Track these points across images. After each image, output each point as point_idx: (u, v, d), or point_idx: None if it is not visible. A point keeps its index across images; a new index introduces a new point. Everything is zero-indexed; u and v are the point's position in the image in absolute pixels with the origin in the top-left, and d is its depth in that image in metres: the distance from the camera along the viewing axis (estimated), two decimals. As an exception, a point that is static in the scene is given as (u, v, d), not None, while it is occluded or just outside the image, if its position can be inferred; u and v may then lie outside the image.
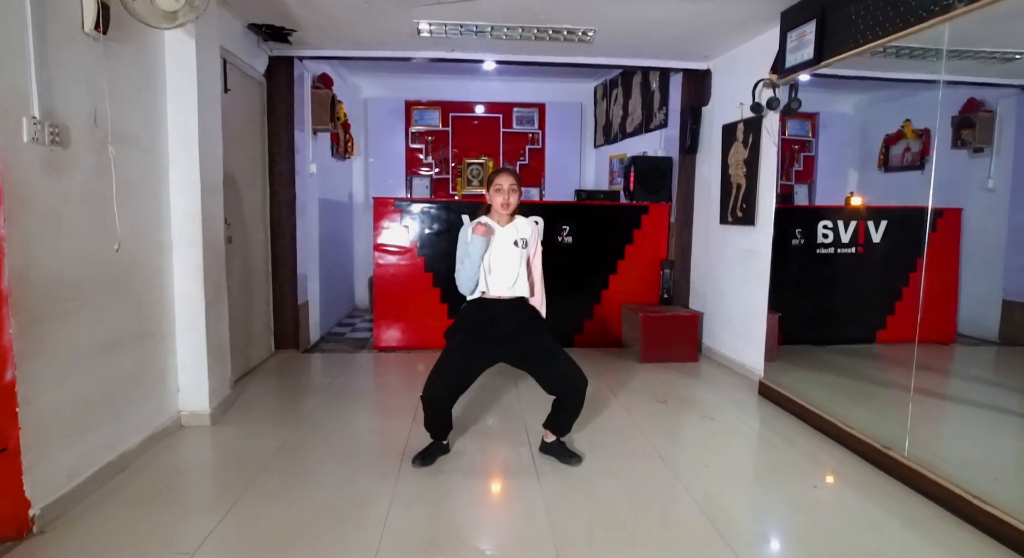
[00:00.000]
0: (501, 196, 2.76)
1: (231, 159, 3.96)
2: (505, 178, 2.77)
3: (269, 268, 4.78)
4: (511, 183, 2.77)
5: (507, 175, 2.79)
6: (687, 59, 4.92)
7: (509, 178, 2.78)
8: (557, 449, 2.94)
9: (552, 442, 2.97)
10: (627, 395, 3.94)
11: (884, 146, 5.73)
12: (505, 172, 2.81)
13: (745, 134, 4.34)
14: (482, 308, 2.80)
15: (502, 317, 2.78)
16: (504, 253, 2.80)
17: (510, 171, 2.83)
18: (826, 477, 2.79)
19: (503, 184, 2.76)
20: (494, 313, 2.78)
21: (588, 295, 5.23)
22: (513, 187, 2.77)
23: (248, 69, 4.26)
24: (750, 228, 4.31)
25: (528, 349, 2.81)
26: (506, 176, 2.78)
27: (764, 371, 4.01)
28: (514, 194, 2.77)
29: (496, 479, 2.77)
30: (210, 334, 3.27)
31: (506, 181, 2.76)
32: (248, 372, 4.33)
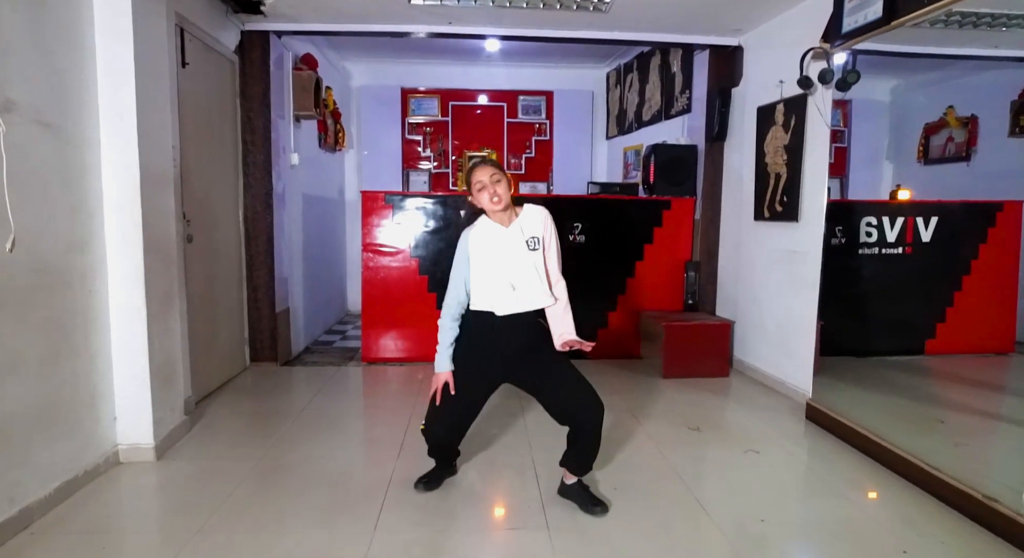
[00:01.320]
0: (485, 193, 2.26)
1: (192, 145, 3.42)
2: (482, 171, 2.28)
3: (243, 271, 4.23)
4: (491, 174, 2.27)
5: (483, 167, 2.29)
6: (715, 34, 4.34)
7: (486, 169, 2.28)
8: (578, 494, 2.41)
9: (572, 485, 2.43)
10: (652, 420, 3.37)
11: (924, 136, 5.15)
12: (480, 165, 2.30)
13: (786, 116, 3.76)
14: (490, 326, 2.30)
15: (513, 336, 2.32)
16: (517, 262, 2.28)
17: (485, 161, 2.34)
18: (916, 539, 2.21)
19: (483, 178, 2.26)
20: (504, 332, 2.30)
21: (602, 301, 4.66)
22: (496, 177, 2.27)
23: (214, 43, 3.71)
24: (792, 225, 3.73)
25: (539, 373, 2.34)
26: (482, 168, 2.29)
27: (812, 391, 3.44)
28: (500, 184, 2.27)
29: (497, 533, 2.21)
30: (155, 351, 2.72)
31: (484, 174, 2.27)
32: (216, 390, 3.78)
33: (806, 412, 3.40)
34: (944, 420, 3.37)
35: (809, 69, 3.35)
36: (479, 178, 2.27)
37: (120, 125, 2.55)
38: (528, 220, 2.33)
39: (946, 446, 2.94)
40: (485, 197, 2.26)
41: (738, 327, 4.36)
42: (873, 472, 2.72)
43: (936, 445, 2.91)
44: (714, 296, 4.69)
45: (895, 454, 2.69)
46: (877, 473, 2.71)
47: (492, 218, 2.32)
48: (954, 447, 2.94)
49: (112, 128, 2.54)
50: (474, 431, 3.02)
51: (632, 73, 5.94)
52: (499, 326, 2.28)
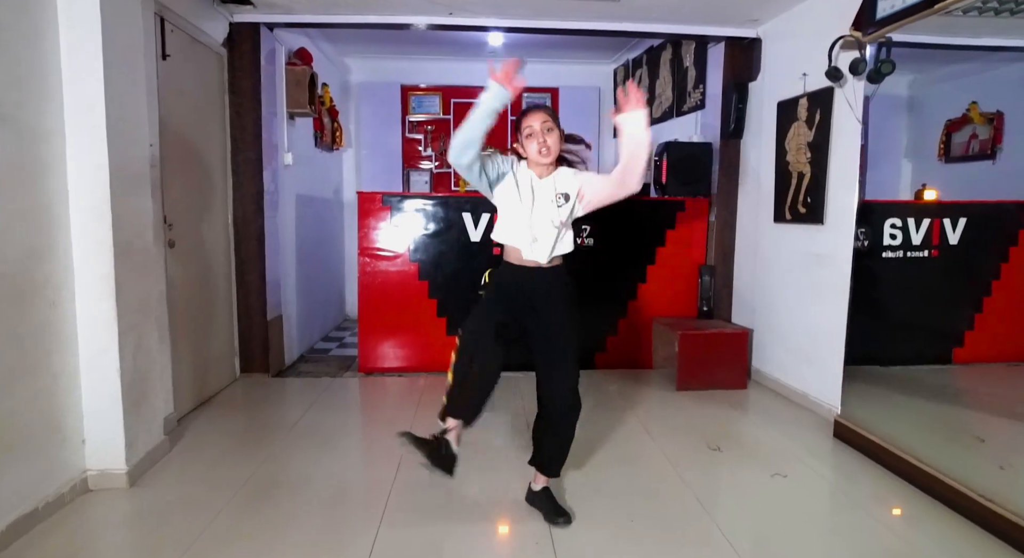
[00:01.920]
0: (535, 141, 2.06)
1: (175, 144, 3.20)
2: (534, 116, 2.07)
3: (233, 277, 4.00)
4: (543, 120, 2.06)
5: (536, 112, 2.09)
6: (731, 25, 4.10)
7: (539, 115, 2.08)
8: (544, 502, 2.29)
9: (539, 491, 2.32)
10: (668, 437, 3.13)
11: (945, 132, 4.89)
12: (533, 109, 2.10)
13: (810, 111, 3.52)
14: (514, 275, 2.19)
15: (535, 285, 2.18)
16: (542, 215, 2.12)
17: (541, 107, 2.13)
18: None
19: (533, 124, 2.06)
20: (526, 281, 2.18)
21: (612, 307, 4.42)
22: (548, 125, 2.07)
23: (199, 35, 3.48)
24: (817, 228, 3.49)
25: (545, 324, 2.18)
26: (535, 113, 2.08)
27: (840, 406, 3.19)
28: (552, 135, 2.08)
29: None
30: (127, 368, 2.49)
31: (536, 119, 2.06)
32: (201, 404, 3.55)
33: (834, 429, 3.15)
34: (984, 438, 3.12)
35: (838, 60, 3.11)
36: (530, 123, 2.07)
37: (87, 119, 2.32)
38: (562, 178, 2.15)
39: (991, 469, 2.69)
40: (534, 146, 2.07)
41: (756, 335, 4.12)
42: (912, 498, 2.48)
43: (979, 468, 2.66)
44: (730, 302, 4.44)
45: (936, 479, 2.45)
46: (917, 500, 2.47)
47: (531, 167, 2.14)
48: (1000, 470, 2.69)
49: (78, 122, 2.31)
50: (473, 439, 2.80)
51: (641, 68, 5.70)
52: (525, 275, 2.16)
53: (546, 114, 2.10)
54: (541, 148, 2.06)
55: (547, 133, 2.07)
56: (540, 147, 2.06)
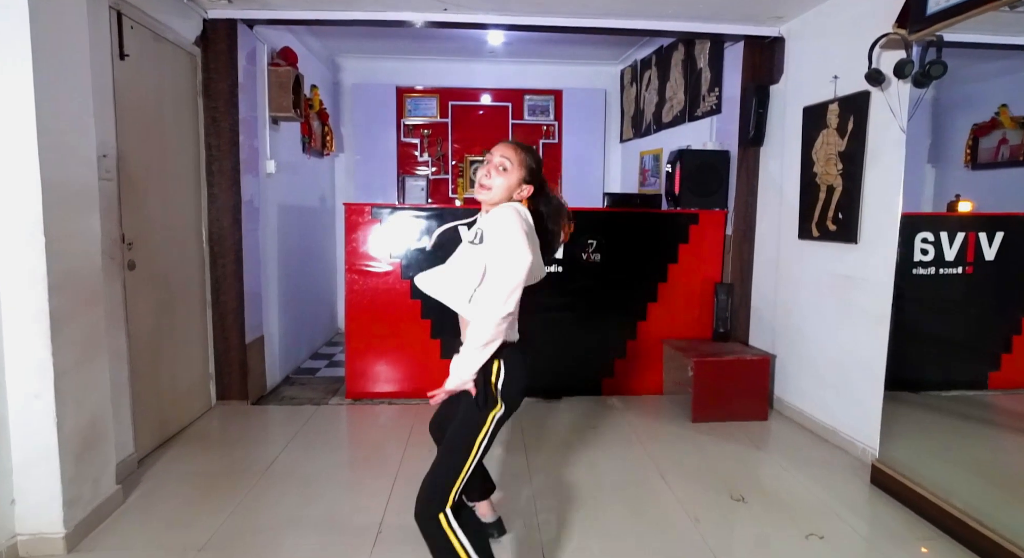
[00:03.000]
0: (482, 169, 1.82)
1: (137, 153, 2.88)
2: (500, 148, 1.81)
3: (207, 297, 3.67)
4: (502, 153, 1.79)
5: (504, 146, 1.81)
6: (751, 23, 3.76)
7: (505, 148, 1.80)
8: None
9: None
10: (684, 482, 2.79)
11: (972, 137, 4.54)
12: (503, 143, 1.83)
13: (842, 117, 3.18)
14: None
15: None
16: (457, 254, 1.84)
17: (516, 143, 1.84)
18: None
19: (492, 154, 1.81)
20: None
21: (620, 328, 4.08)
22: (504, 163, 1.77)
23: (167, 32, 3.15)
24: (849, 247, 3.15)
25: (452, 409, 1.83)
26: (502, 146, 1.82)
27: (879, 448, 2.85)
28: (501, 173, 1.77)
29: None
30: (67, 415, 2.16)
31: (497, 151, 1.81)
32: (170, 439, 3.23)
33: (872, 474, 2.81)
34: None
35: (879, 60, 2.77)
36: (492, 151, 1.82)
37: (10, 129, 1.99)
38: (494, 214, 1.72)
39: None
40: (479, 173, 1.80)
41: (778, 361, 3.78)
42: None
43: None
44: (747, 324, 4.10)
45: (1000, 546, 2.11)
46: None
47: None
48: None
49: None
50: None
51: (650, 69, 5.36)
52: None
53: (513, 150, 1.78)
54: (482, 178, 1.78)
55: (497, 168, 1.76)
56: (483, 175, 1.78)
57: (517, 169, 1.77)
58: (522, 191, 1.79)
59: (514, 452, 3.11)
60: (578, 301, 4.00)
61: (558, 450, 3.14)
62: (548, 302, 3.93)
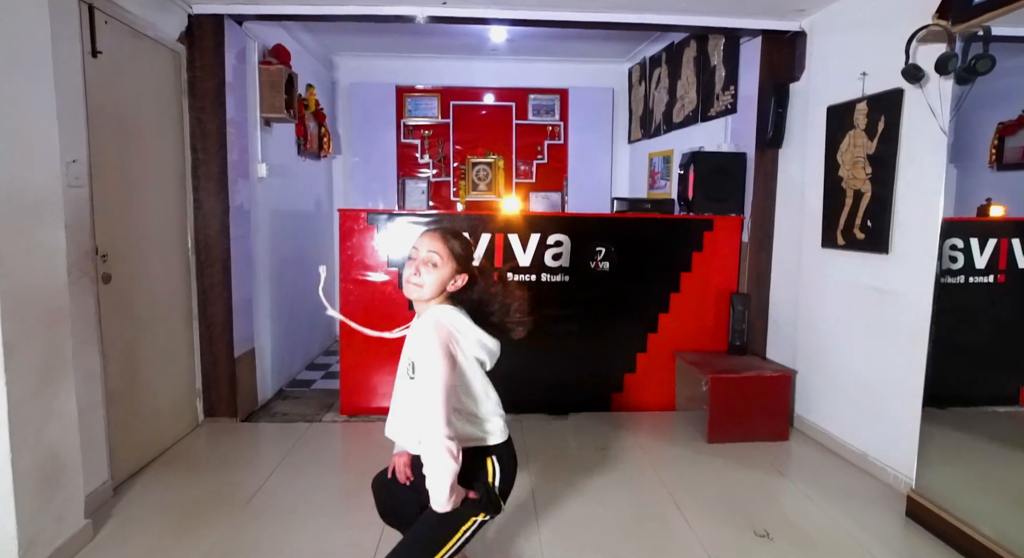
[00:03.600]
0: (410, 267, 1.65)
1: (113, 157, 2.69)
2: (428, 240, 1.65)
3: (195, 309, 3.47)
4: (428, 249, 1.63)
5: (431, 236, 1.66)
6: (770, 16, 3.53)
7: (433, 241, 1.65)
8: None
9: None
10: (702, 515, 2.57)
11: (997, 136, 4.31)
12: (432, 232, 1.67)
13: (871, 117, 2.95)
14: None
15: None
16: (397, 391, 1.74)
17: (437, 232, 1.68)
18: None
19: (419, 248, 1.65)
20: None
21: (630, 341, 3.86)
22: (432, 256, 1.62)
23: (146, 28, 2.95)
24: (879, 258, 2.93)
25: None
26: (430, 237, 1.66)
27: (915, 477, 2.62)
28: (431, 270, 1.62)
29: None
30: (25, 448, 1.96)
31: (425, 243, 1.65)
32: (151, 461, 3.03)
33: (907, 506, 2.59)
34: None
35: (916, 54, 2.54)
36: (417, 245, 1.66)
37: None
38: (416, 331, 1.61)
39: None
40: (408, 271, 1.64)
41: (799, 377, 3.55)
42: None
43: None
44: (764, 336, 3.87)
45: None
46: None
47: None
48: None
49: (-53, 139, 1.78)
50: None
51: (660, 67, 5.13)
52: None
53: (442, 242, 1.63)
54: (410, 276, 1.63)
55: (426, 265, 1.61)
56: (411, 274, 1.63)
57: (447, 262, 1.62)
58: (456, 282, 1.65)
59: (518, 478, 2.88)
60: (585, 312, 3.79)
61: (565, 476, 2.93)
62: (554, 313, 3.72)
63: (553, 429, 3.56)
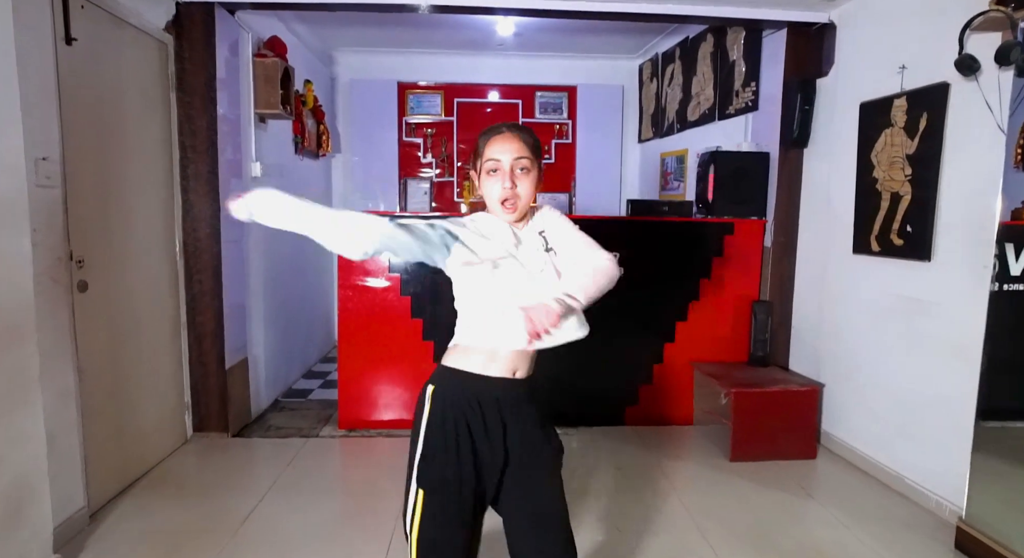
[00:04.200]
0: (499, 182, 1.35)
1: (91, 155, 2.47)
2: (504, 143, 1.36)
3: (183, 317, 3.26)
4: (516, 154, 1.35)
5: (509, 138, 1.36)
6: (797, 7, 3.32)
7: (513, 142, 1.36)
8: None
9: None
10: (731, 546, 2.36)
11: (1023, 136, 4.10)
12: (505, 132, 1.37)
13: (911, 114, 2.73)
14: (475, 393, 1.38)
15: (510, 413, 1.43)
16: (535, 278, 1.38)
17: (513, 129, 1.38)
18: None
19: (502, 157, 1.35)
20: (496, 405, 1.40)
21: (646, 351, 3.64)
22: (523, 163, 1.36)
23: (128, 15, 2.73)
24: (920, 265, 2.71)
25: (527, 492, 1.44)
26: (507, 139, 1.36)
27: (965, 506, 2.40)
28: (525, 178, 1.37)
29: None
30: (-19, 481, 1.75)
31: (507, 149, 1.35)
32: (135, 482, 2.81)
33: (956, 538, 2.37)
34: None
35: (968, 43, 2.32)
36: (497, 154, 1.36)
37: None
38: (542, 218, 1.45)
39: None
40: (497, 189, 1.36)
41: (827, 391, 3.33)
42: None
43: None
44: (787, 347, 3.66)
45: None
46: None
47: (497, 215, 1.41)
48: None
49: None
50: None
51: (674, 63, 4.91)
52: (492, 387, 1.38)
53: (522, 142, 1.37)
54: (507, 197, 1.36)
55: (522, 174, 1.36)
56: (504, 193, 1.36)
57: (535, 160, 1.38)
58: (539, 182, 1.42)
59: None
60: (598, 320, 3.54)
61: (582, 498, 2.71)
62: (565, 322, 3.50)
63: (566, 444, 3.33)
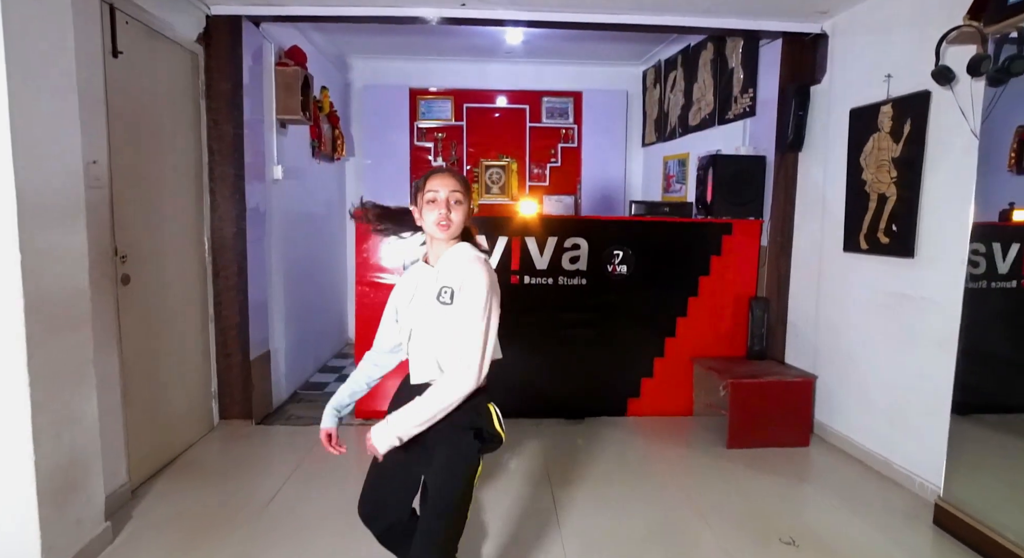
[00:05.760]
0: (437, 210, 1.59)
1: (132, 158, 2.68)
2: (441, 179, 1.61)
3: (210, 311, 3.46)
4: (452, 188, 1.60)
5: (444, 176, 1.63)
6: (792, 18, 3.50)
7: (448, 180, 1.61)
8: None
9: None
10: (726, 522, 2.53)
11: (1016, 140, 4.24)
12: (440, 173, 1.64)
13: (896, 120, 2.91)
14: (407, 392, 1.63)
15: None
16: (423, 311, 1.60)
17: (450, 171, 1.67)
18: None
19: (439, 189, 1.59)
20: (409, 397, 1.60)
21: (648, 345, 3.82)
22: (457, 197, 1.60)
23: (165, 29, 2.94)
24: (905, 262, 2.88)
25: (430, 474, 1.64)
26: (443, 177, 1.62)
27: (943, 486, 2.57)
28: (459, 208, 1.61)
29: None
30: (46, 452, 1.94)
31: (443, 184, 1.60)
32: (169, 464, 3.01)
33: (935, 515, 2.54)
34: None
35: (945, 56, 2.50)
36: (435, 187, 1.59)
37: (-16, 137, 1.77)
38: (450, 262, 1.60)
39: None
40: (434, 215, 1.58)
41: (820, 383, 3.50)
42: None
43: None
44: (783, 341, 3.83)
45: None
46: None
47: (428, 247, 1.68)
48: None
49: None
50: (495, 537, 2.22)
51: (676, 70, 5.10)
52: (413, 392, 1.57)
53: (457, 181, 1.62)
54: (441, 220, 1.58)
55: (454, 206, 1.59)
56: (440, 218, 1.58)
57: (466, 197, 1.63)
58: (471, 215, 1.68)
59: (539, 486, 2.86)
60: (602, 316, 3.76)
61: (585, 484, 2.89)
62: (571, 317, 3.70)
63: (571, 434, 3.52)
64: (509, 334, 1.72)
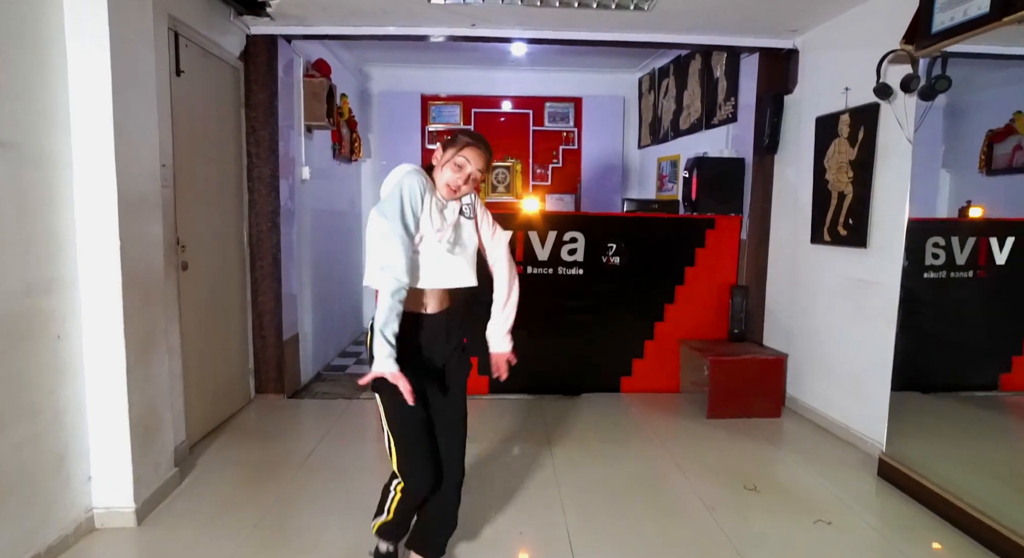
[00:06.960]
0: (460, 176, 1.82)
1: (189, 162, 3.10)
2: (477, 156, 1.82)
3: (247, 296, 3.89)
4: (480, 167, 1.83)
5: (480, 153, 1.83)
6: (767, 35, 3.91)
7: (481, 160, 1.83)
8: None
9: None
10: (701, 475, 2.95)
11: (987, 143, 4.64)
12: (479, 147, 1.84)
13: (852, 128, 3.32)
14: (418, 323, 1.86)
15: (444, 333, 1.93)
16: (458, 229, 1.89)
17: (486, 148, 1.86)
18: None
19: (470, 161, 1.81)
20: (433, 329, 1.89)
21: (639, 329, 4.24)
22: (479, 175, 1.85)
23: (214, 48, 3.38)
24: (860, 251, 3.30)
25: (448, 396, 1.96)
26: (478, 153, 1.82)
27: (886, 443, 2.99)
28: (472, 184, 1.86)
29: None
30: (135, 402, 2.38)
31: (476, 161, 1.82)
32: (216, 429, 3.44)
33: (879, 468, 2.96)
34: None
35: (887, 75, 2.91)
36: (469, 158, 1.81)
37: (94, 143, 2.21)
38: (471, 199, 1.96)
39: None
40: (452, 178, 1.81)
41: (792, 361, 3.92)
42: (971, 554, 2.28)
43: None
44: (762, 325, 4.25)
45: (997, 532, 2.25)
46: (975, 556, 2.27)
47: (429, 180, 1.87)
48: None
49: (84, 146, 2.20)
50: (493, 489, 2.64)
51: (668, 78, 5.52)
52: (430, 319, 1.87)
53: (486, 160, 1.85)
54: (456, 186, 1.82)
55: (472, 180, 1.84)
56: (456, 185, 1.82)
57: (484, 176, 1.90)
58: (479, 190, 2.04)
59: (539, 445, 3.28)
60: (598, 303, 4.17)
61: (580, 444, 3.32)
62: (570, 304, 4.12)
63: (568, 407, 3.95)
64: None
